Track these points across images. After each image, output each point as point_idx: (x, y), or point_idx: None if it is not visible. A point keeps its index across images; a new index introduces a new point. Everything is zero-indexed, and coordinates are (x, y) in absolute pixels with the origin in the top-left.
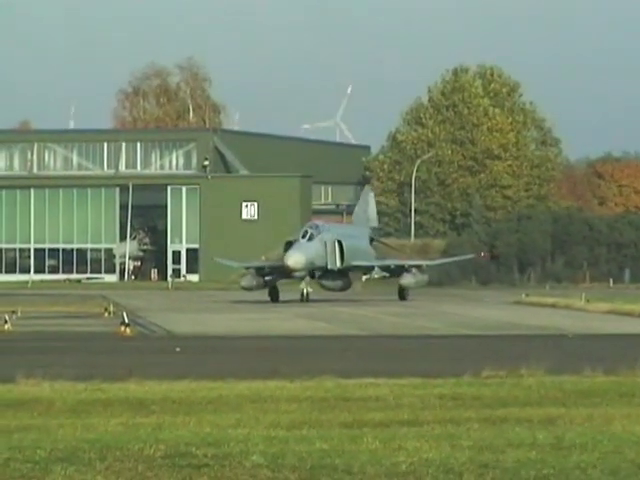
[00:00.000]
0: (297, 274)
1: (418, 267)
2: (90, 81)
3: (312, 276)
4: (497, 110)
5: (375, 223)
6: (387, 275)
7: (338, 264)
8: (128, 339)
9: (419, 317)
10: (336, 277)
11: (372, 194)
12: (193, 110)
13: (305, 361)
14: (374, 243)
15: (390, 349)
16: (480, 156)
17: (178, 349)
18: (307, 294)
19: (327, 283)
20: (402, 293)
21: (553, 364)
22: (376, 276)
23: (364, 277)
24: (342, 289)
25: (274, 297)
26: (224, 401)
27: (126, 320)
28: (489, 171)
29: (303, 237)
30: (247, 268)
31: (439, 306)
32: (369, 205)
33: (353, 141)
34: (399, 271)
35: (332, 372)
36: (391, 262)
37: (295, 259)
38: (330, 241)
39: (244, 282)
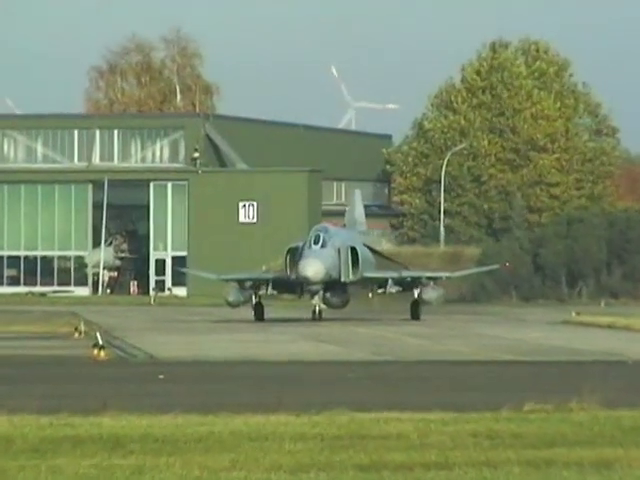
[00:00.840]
0: (313, 287)
1: (435, 279)
2: (57, 56)
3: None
4: (543, 93)
5: (364, 227)
6: (400, 289)
7: (351, 276)
8: (102, 364)
9: (449, 339)
10: (338, 291)
11: (359, 194)
12: (181, 92)
13: (314, 391)
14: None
15: (415, 377)
16: (522, 148)
17: (161, 376)
18: (320, 312)
19: (333, 299)
20: (417, 311)
21: (609, 396)
22: (393, 290)
23: (379, 290)
24: (343, 305)
25: (259, 314)
26: (217, 439)
27: (100, 342)
28: (533, 166)
29: (315, 243)
30: (226, 281)
31: (472, 326)
32: (356, 207)
33: (390, 106)
34: (413, 284)
35: (346, 404)
36: (408, 273)
37: (315, 269)
38: (344, 248)
39: (230, 297)
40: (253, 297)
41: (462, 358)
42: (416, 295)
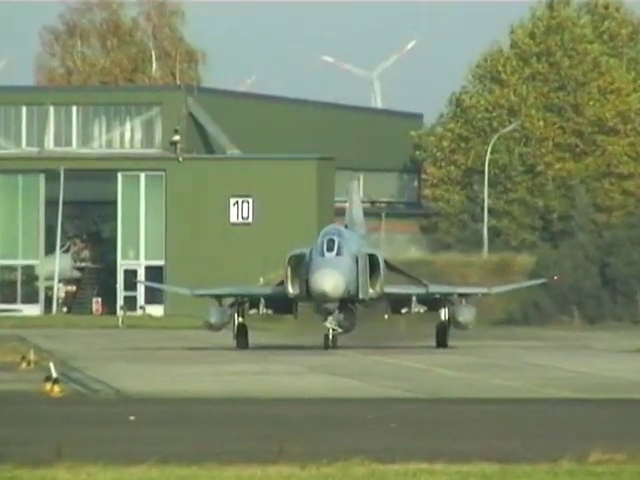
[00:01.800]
0: (330, 306)
1: (467, 296)
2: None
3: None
4: (613, 61)
5: (362, 230)
6: (426, 309)
7: (371, 291)
8: (57, 402)
9: (493, 371)
10: (347, 311)
11: (357, 186)
12: (157, 59)
13: (324, 436)
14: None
15: (450, 419)
16: (587, 130)
17: (132, 418)
18: (335, 337)
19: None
20: (444, 336)
21: None
22: (421, 310)
23: (402, 310)
24: (350, 329)
25: (242, 340)
26: None
27: (54, 374)
28: (600, 153)
29: (329, 249)
30: (199, 296)
31: (523, 355)
32: (354, 204)
33: (409, 45)
34: (440, 302)
35: (364, 453)
36: (436, 289)
37: (334, 283)
38: (361, 256)
39: (212, 317)
40: (236, 317)
41: (510, 395)
42: (443, 316)
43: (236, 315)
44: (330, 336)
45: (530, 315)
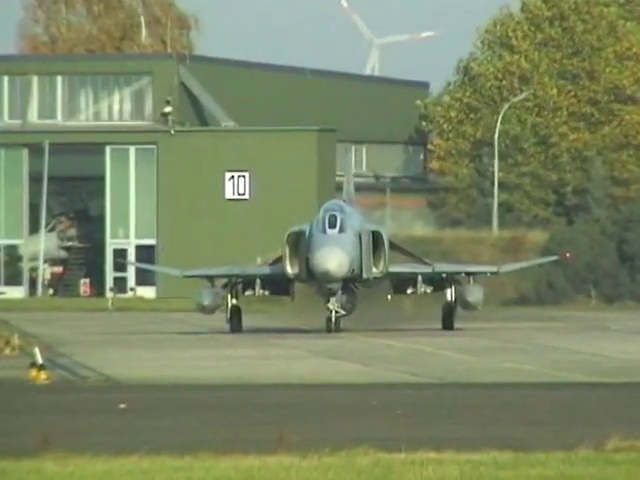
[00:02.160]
0: (333, 286)
1: (475, 275)
2: None
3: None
4: (630, 25)
5: (352, 203)
6: (432, 289)
7: (375, 270)
8: (43, 389)
9: (505, 354)
10: (348, 291)
11: (351, 158)
12: (147, 25)
13: (326, 424)
14: None
15: (460, 405)
16: (604, 98)
17: (123, 405)
18: (338, 320)
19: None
20: (451, 317)
21: None
22: (428, 291)
23: (409, 291)
24: (351, 310)
25: (236, 323)
26: None
27: (39, 360)
28: (618, 122)
29: (331, 226)
30: (188, 277)
31: (537, 337)
32: (350, 177)
33: (425, 34)
34: (446, 282)
35: (369, 441)
36: (442, 268)
37: (338, 261)
38: (365, 233)
39: (206, 299)
40: (229, 299)
41: (523, 379)
42: (449, 297)
43: (229, 297)
44: (333, 319)
45: (544, 295)
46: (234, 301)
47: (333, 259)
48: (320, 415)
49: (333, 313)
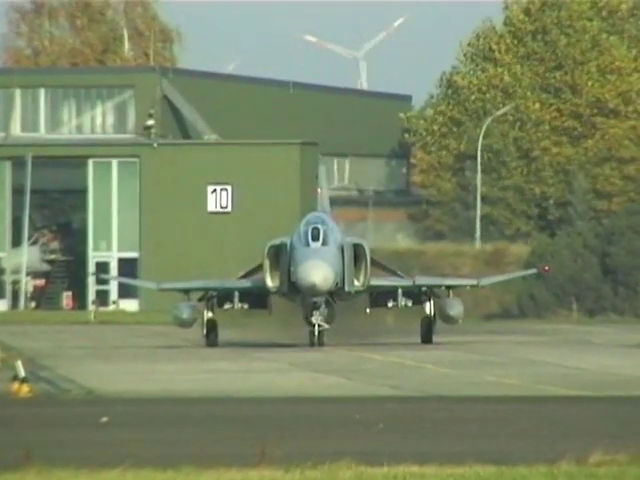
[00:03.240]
0: (317, 300)
1: (454, 288)
2: None
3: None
4: (613, 38)
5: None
6: (411, 302)
7: (357, 284)
8: (24, 403)
9: (487, 368)
10: (328, 304)
11: (324, 172)
12: (130, 38)
13: (308, 438)
14: None
15: (443, 419)
16: (586, 112)
17: (105, 419)
18: (321, 333)
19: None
20: (430, 331)
21: None
22: (409, 304)
23: (390, 304)
24: (330, 323)
25: (212, 337)
26: None
27: (21, 373)
28: (600, 136)
29: (314, 239)
30: (165, 291)
31: (519, 350)
32: (324, 191)
33: (397, 23)
34: (426, 295)
35: (351, 455)
36: (422, 281)
37: (324, 274)
38: (347, 246)
39: (185, 313)
40: (205, 313)
41: (506, 393)
42: (428, 310)
43: (205, 311)
44: (316, 333)
45: (526, 308)
46: (210, 315)
47: (318, 272)
48: (302, 429)
49: (316, 327)
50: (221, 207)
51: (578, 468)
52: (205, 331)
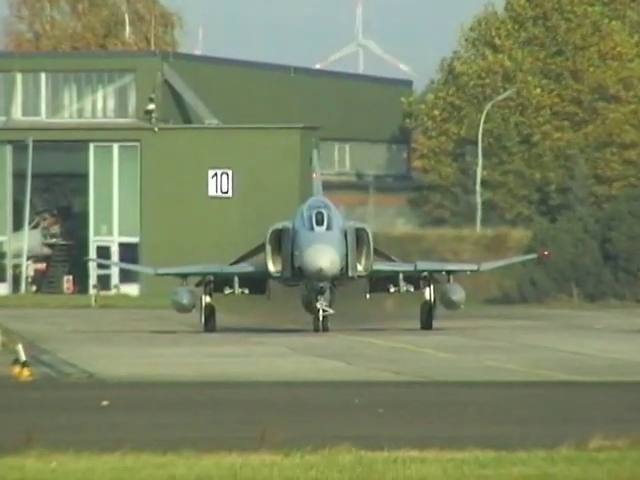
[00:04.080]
0: (322, 285)
1: (454, 273)
2: None
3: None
4: (615, 24)
5: None
6: (412, 288)
7: (360, 268)
8: (26, 386)
9: (488, 352)
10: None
11: (317, 156)
12: (131, 23)
13: (308, 422)
14: None
15: (443, 403)
16: (587, 97)
17: (105, 402)
18: (325, 319)
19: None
20: (430, 317)
21: None
22: (411, 289)
23: (392, 289)
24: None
25: (211, 322)
26: None
27: (22, 357)
28: (601, 121)
29: (319, 223)
30: (163, 276)
31: (519, 335)
32: (318, 176)
33: (401, 66)
34: (426, 281)
35: (351, 440)
36: (424, 266)
37: (330, 259)
38: (350, 230)
39: (185, 298)
40: (203, 298)
41: (506, 378)
42: (428, 295)
43: (203, 295)
44: (321, 318)
45: (527, 293)
46: (208, 299)
47: (325, 257)
48: (303, 413)
49: (321, 312)
50: (222, 192)
51: (578, 453)
52: (203, 316)
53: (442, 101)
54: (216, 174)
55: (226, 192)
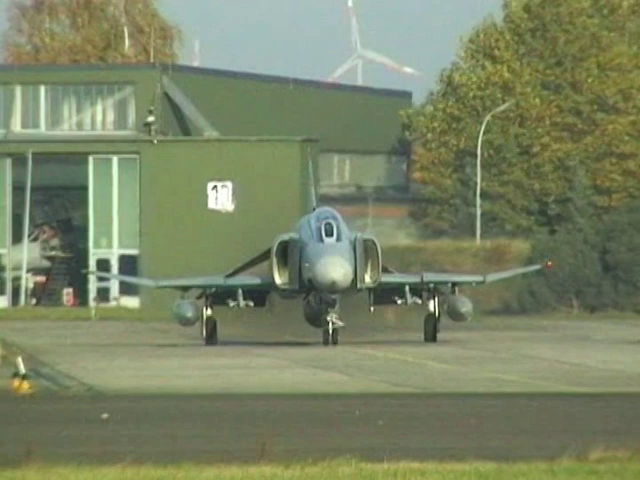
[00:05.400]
0: (332, 297)
1: (460, 285)
2: None
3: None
4: (613, 35)
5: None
6: (419, 300)
7: (368, 280)
8: (25, 399)
9: (487, 364)
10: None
11: (311, 165)
12: (130, 35)
13: (309, 434)
14: None
15: (443, 415)
16: (586, 108)
17: (105, 415)
18: (336, 331)
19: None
20: (434, 329)
21: None
22: (418, 301)
23: (399, 301)
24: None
25: (211, 335)
26: None
27: (22, 370)
28: (600, 132)
29: (328, 234)
30: (164, 288)
31: (519, 346)
32: (314, 183)
33: (405, 69)
34: (431, 292)
35: (351, 452)
36: (430, 278)
37: (344, 271)
38: (359, 241)
39: (189, 312)
40: (204, 311)
41: (506, 389)
42: (432, 308)
43: (204, 308)
44: (330, 331)
45: (526, 304)
46: (209, 312)
47: (338, 269)
48: (303, 425)
49: (331, 325)
50: (221, 205)
51: (578, 464)
52: (205, 329)
53: (441, 112)
54: (216, 186)
55: (226, 205)
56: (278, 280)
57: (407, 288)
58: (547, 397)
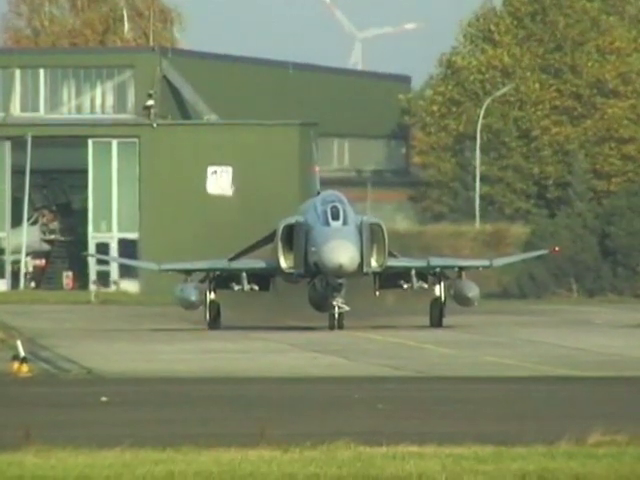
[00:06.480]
0: (339, 281)
1: (466, 269)
2: None
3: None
4: (613, 19)
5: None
6: (425, 285)
7: (374, 264)
8: (25, 382)
9: (487, 348)
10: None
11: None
12: (129, 19)
13: (308, 418)
14: None
15: (442, 399)
16: (586, 92)
17: (104, 398)
18: (341, 316)
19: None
20: (440, 314)
21: None
22: (424, 286)
23: (405, 285)
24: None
25: (215, 319)
26: None
27: (21, 353)
28: (600, 116)
29: (335, 218)
30: (166, 271)
31: (518, 331)
32: (315, 163)
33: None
34: (436, 277)
35: (350, 435)
36: (437, 262)
37: (351, 255)
38: (365, 226)
39: (194, 295)
40: (207, 294)
41: (505, 373)
42: (438, 292)
43: (207, 292)
44: (336, 315)
45: (526, 288)
46: (212, 296)
47: (345, 253)
48: (302, 409)
49: (336, 309)
50: (221, 189)
51: (577, 448)
52: (208, 313)
53: (441, 96)
54: (215, 171)
55: (225, 189)
56: (284, 264)
57: (413, 272)
58: (546, 381)
